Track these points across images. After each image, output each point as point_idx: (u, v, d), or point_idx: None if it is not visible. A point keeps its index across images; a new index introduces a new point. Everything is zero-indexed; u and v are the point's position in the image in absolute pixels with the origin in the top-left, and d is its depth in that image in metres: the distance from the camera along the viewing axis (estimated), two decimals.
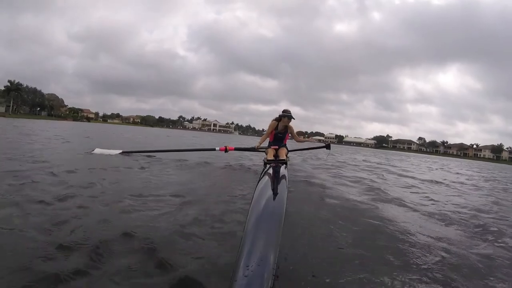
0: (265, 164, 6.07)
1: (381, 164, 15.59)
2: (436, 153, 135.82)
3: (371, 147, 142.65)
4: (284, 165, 5.77)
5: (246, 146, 8.73)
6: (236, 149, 8.52)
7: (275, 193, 3.24)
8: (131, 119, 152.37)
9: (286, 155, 6.86)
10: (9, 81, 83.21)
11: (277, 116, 7.25)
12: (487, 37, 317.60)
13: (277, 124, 7.27)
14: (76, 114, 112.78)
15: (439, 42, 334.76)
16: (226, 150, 8.10)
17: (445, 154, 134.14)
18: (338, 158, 16.42)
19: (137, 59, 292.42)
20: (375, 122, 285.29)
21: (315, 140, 10.27)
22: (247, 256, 1.91)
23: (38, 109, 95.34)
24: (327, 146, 9.15)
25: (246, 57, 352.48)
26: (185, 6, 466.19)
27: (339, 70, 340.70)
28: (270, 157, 6.60)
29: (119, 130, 36.66)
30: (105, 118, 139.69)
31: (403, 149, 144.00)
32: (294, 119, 7.18)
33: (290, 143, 7.86)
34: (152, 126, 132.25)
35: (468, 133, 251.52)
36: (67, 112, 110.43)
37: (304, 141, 8.36)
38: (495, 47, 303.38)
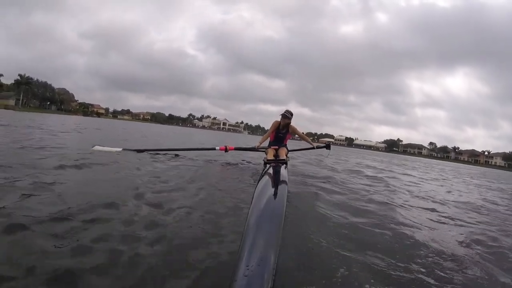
0: (265, 164, 6.05)
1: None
2: (447, 158, 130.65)
3: (381, 150, 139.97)
4: (284, 165, 5.77)
5: (246, 146, 8.68)
6: (236, 148, 8.45)
7: (275, 193, 3.22)
8: (141, 116, 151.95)
9: (286, 155, 6.84)
10: (19, 74, 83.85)
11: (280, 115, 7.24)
12: (494, 39, 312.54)
13: (279, 124, 7.27)
14: (86, 109, 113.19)
15: (446, 45, 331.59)
16: (226, 150, 8.05)
17: (456, 160, 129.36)
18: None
19: (146, 57, 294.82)
20: (384, 125, 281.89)
21: (324, 142, 10.39)
22: (247, 256, 1.90)
23: (48, 103, 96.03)
24: (327, 147, 9.14)
25: (253, 58, 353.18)
26: (192, 7, 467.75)
27: (346, 71, 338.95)
28: (270, 157, 6.58)
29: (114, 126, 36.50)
30: (115, 114, 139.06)
31: (413, 154, 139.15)
32: (289, 117, 7.17)
33: (290, 143, 7.82)
34: (162, 123, 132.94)
35: (477, 138, 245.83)
36: (77, 107, 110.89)
37: (308, 141, 8.35)
38: (502, 50, 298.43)
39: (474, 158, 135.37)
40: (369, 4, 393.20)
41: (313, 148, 8.42)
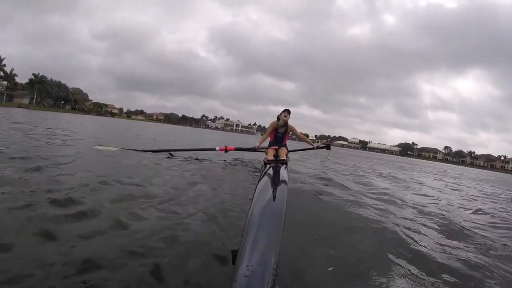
0: (265, 164, 6.02)
1: None
2: (463, 163, 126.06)
3: (395, 154, 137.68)
4: (284, 165, 5.74)
5: (246, 146, 8.70)
6: (236, 149, 8.47)
7: (275, 193, 3.18)
8: (155, 116, 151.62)
9: (286, 155, 6.84)
10: (33, 74, 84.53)
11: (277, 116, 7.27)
12: (505, 40, 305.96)
13: (277, 123, 7.28)
14: (100, 109, 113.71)
15: (454, 46, 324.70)
16: (226, 150, 8.08)
17: (471, 165, 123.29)
18: None
19: (159, 58, 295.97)
20: (396, 128, 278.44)
21: (324, 143, 10.33)
22: (247, 256, 1.87)
23: (62, 102, 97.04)
24: (327, 147, 9.12)
25: (262, 60, 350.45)
26: (203, 9, 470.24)
27: (355, 72, 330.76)
28: (270, 157, 6.59)
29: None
30: (129, 114, 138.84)
31: (428, 158, 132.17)
32: (289, 112, 7.26)
33: (290, 144, 7.80)
34: (175, 123, 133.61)
35: (491, 142, 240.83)
36: (91, 107, 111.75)
37: (308, 141, 8.34)
38: None
39: (490, 163, 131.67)
40: (375, 5, 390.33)
41: (313, 148, 8.40)
